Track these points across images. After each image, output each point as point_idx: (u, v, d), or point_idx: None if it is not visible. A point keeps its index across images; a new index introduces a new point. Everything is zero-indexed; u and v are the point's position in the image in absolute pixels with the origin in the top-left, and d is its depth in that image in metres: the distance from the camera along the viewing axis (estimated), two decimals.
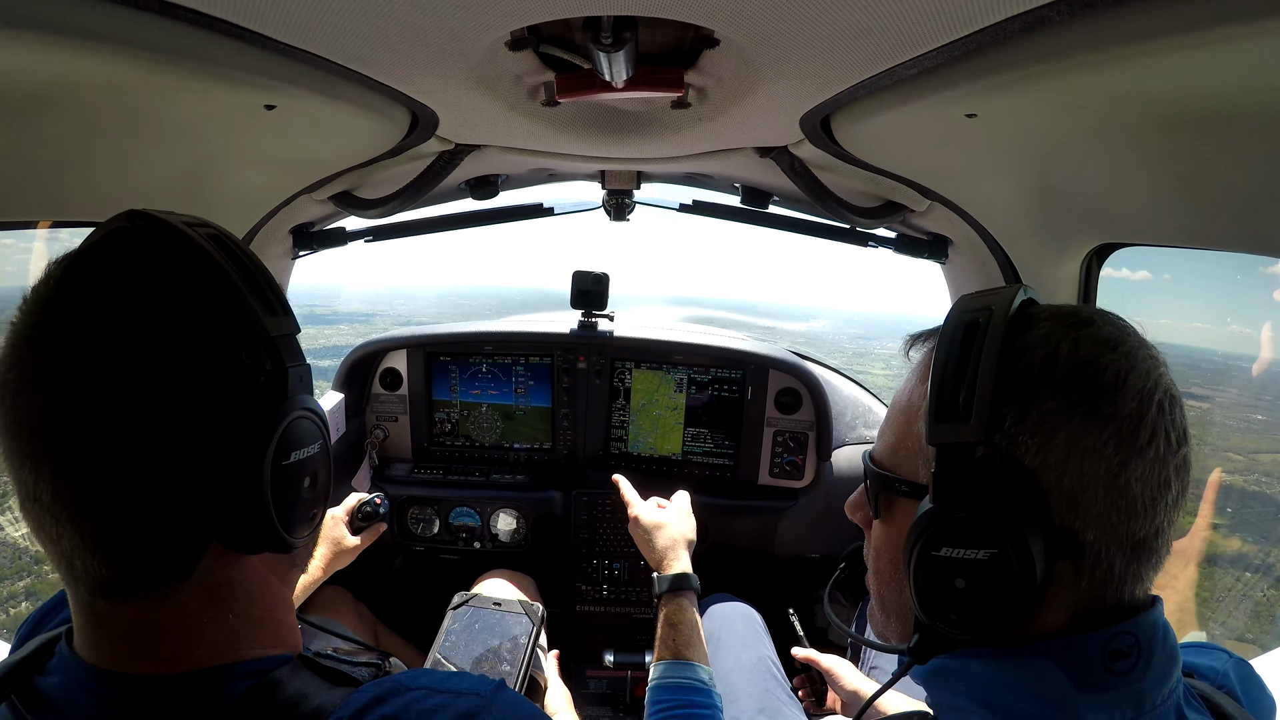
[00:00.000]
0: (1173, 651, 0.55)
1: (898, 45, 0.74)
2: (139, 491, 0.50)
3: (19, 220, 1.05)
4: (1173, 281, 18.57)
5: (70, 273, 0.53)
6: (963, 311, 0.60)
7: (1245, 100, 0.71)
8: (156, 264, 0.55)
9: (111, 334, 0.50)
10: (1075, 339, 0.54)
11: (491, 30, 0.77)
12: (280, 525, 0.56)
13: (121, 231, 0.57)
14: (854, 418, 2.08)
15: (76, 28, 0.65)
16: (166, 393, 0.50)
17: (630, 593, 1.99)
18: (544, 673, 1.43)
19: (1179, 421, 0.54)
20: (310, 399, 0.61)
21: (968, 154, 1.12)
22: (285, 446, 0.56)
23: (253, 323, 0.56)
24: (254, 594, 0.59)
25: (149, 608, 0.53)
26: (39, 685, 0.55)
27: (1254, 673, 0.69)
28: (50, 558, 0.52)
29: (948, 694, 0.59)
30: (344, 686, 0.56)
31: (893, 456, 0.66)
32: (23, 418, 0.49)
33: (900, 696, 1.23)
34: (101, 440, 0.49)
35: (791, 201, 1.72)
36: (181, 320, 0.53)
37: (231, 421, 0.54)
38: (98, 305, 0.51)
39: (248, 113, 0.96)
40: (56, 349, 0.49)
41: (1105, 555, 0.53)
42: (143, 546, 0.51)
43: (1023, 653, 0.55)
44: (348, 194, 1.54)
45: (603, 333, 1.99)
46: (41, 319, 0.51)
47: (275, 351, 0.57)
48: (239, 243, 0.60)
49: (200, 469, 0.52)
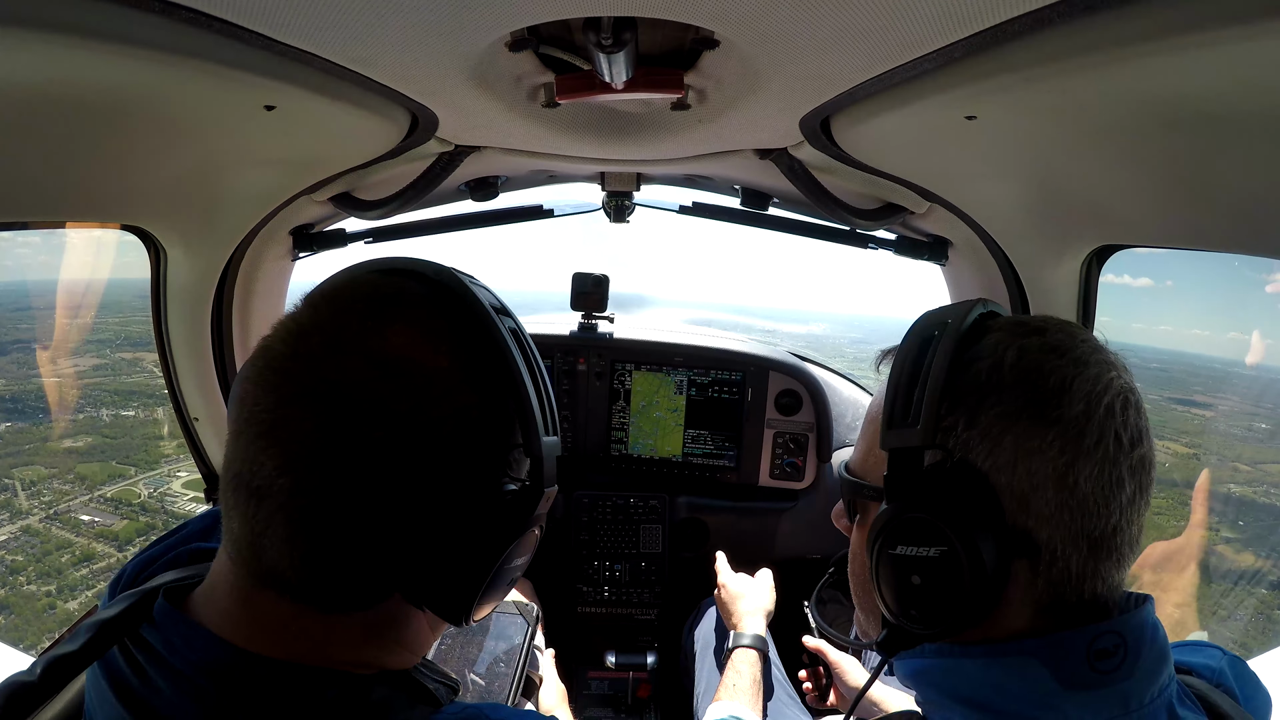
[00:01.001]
0: (1162, 650, 0.56)
1: (897, 47, 0.74)
2: (369, 538, 0.53)
3: (19, 220, 1.05)
4: (1174, 288, 18.61)
5: (379, 307, 0.56)
6: (922, 326, 0.63)
7: (1245, 101, 0.71)
8: (466, 344, 0.57)
9: (409, 395, 0.53)
10: (1020, 347, 0.57)
11: (491, 31, 0.77)
12: (475, 609, 0.60)
13: (428, 283, 0.59)
14: (854, 419, 2.08)
15: (76, 28, 0.65)
16: (435, 469, 0.54)
17: (631, 594, 1.99)
18: (539, 672, 1.43)
19: (1132, 423, 0.55)
20: (544, 518, 0.64)
21: (968, 156, 1.11)
22: (513, 554, 0.60)
23: (530, 437, 0.59)
24: (409, 635, 0.62)
25: (312, 616, 0.55)
26: (148, 637, 0.56)
27: (1249, 670, 0.70)
28: (229, 533, 0.54)
29: (934, 693, 0.61)
30: (425, 704, 0.59)
31: (863, 464, 0.70)
32: (285, 425, 0.51)
33: (902, 695, 1.23)
34: (359, 482, 0.51)
35: (791, 203, 1.72)
36: (472, 410, 0.56)
37: (477, 516, 0.57)
38: (405, 361, 0.53)
39: (248, 113, 0.96)
40: (348, 383, 0.52)
41: (1060, 554, 0.55)
42: (344, 576, 0.54)
43: (1007, 651, 0.56)
44: (348, 195, 1.54)
45: (603, 334, 1.98)
46: (339, 340, 0.53)
47: (539, 468, 0.60)
48: (533, 346, 0.63)
49: (432, 542, 0.55)
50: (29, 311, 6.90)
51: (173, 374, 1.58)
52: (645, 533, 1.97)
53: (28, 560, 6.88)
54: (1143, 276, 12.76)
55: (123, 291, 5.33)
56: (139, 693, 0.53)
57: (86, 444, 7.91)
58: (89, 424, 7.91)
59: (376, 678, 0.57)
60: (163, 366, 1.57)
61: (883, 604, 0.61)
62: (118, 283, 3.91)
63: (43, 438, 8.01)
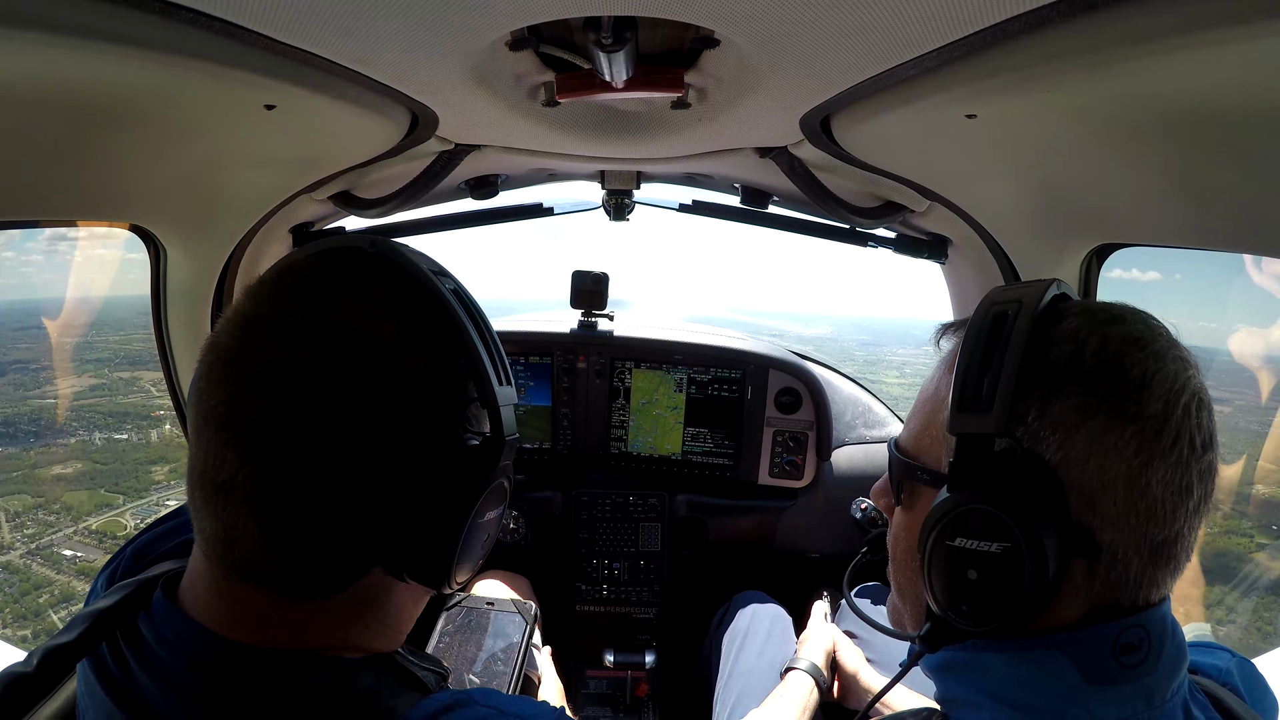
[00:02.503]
0: (1181, 646, 0.55)
1: (898, 45, 0.74)
2: (339, 518, 0.53)
3: (19, 220, 1.05)
4: (1184, 281, 18.32)
5: (321, 286, 0.55)
6: (992, 303, 0.59)
7: (1245, 100, 0.71)
8: (408, 309, 0.57)
9: (357, 367, 0.52)
10: (1103, 335, 0.54)
11: (491, 30, 0.77)
12: (455, 571, 0.59)
13: (366, 257, 0.59)
14: (854, 417, 2.08)
15: (77, 28, 0.65)
16: (393, 438, 0.53)
17: (630, 592, 1.99)
18: (538, 670, 1.43)
19: (1205, 426, 0.53)
20: (510, 467, 0.64)
21: (968, 155, 1.12)
22: (483, 507, 0.60)
23: (485, 390, 0.59)
24: (390, 611, 0.62)
25: (289, 604, 0.55)
26: (142, 628, 0.56)
27: (1257, 672, 0.70)
28: (200, 533, 0.54)
29: (959, 687, 0.59)
30: (414, 691, 0.59)
31: (917, 444, 0.65)
32: (241, 415, 0.51)
33: (904, 692, 1.23)
34: (320, 463, 0.51)
35: (791, 202, 1.72)
36: (423, 373, 0.56)
37: (443, 475, 0.57)
38: (350, 334, 0.53)
39: (248, 113, 0.96)
40: (297, 364, 0.51)
41: (1121, 557, 0.52)
42: (317, 560, 0.54)
43: (1034, 645, 0.55)
44: (347, 194, 1.54)
45: (603, 332, 1.98)
46: (284, 323, 0.53)
47: (497, 419, 0.60)
48: (476, 302, 0.63)
49: (401, 510, 0.55)
50: (29, 331, 6.80)
51: (173, 374, 1.58)
52: (644, 531, 1.98)
53: (4, 601, 6.48)
54: (1151, 270, 12.65)
55: (125, 309, 5.25)
56: (126, 686, 0.53)
57: (76, 470, 7.65)
58: (80, 449, 7.70)
59: (364, 662, 0.57)
60: (163, 366, 1.57)
61: (931, 596, 0.58)
62: (119, 300, 3.89)
63: (32, 464, 7.75)
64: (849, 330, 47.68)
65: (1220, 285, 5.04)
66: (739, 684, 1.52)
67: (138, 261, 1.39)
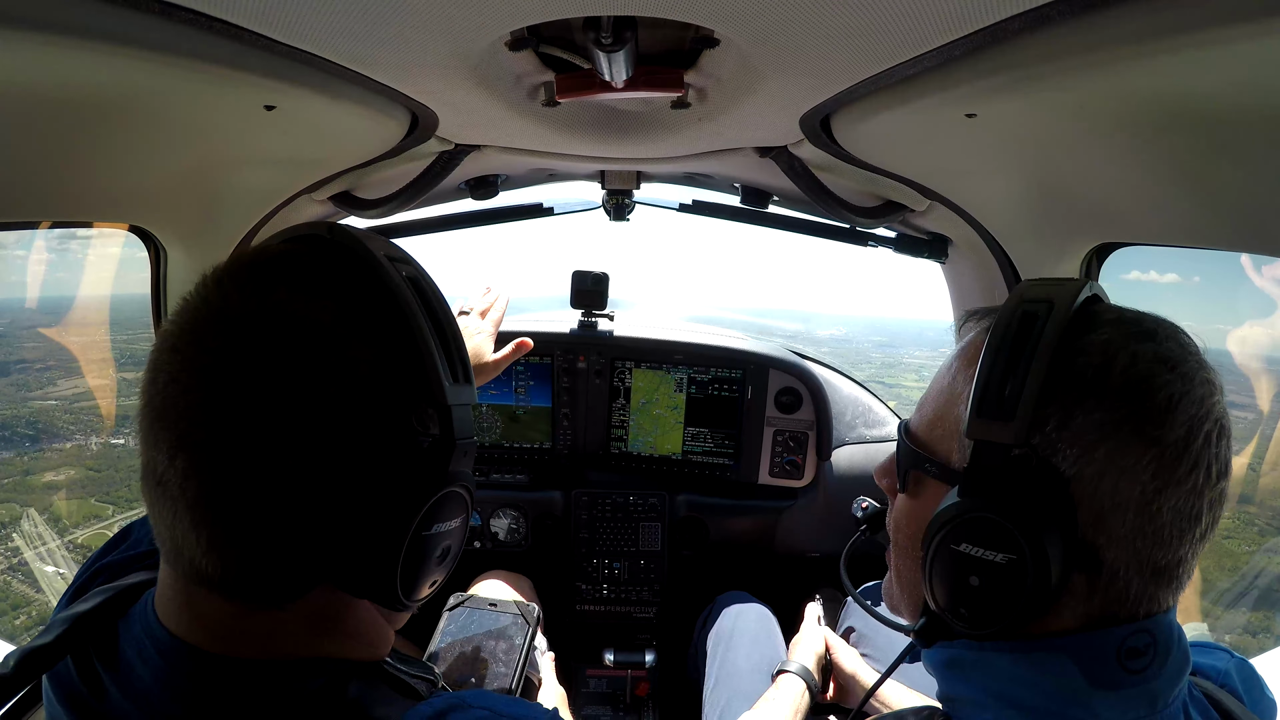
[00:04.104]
0: (1185, 651, 0.55)
1: (898, 45, 0.74)
2: (271, 517, 0.49)
3: (19, 220, 1.05)
4: (1203, 283, 18.25)
5: (263, 272, 0.52)
6: (1021, 300, 0.57)
7: (1245, 100, 0.71)
8: (353, 295, 0.53)
9: (290, 353, 0.49)
10: (1134, 353, 0.52)
11: (491, 30, 0.77)
12: (402, 590, 0.55)
13: (322, 243, 0.57)
14: (854, 417, 2.08)
15: (76, 28, 0.65)
16: (329, 434, 0.49)
17: (630, 592, 1.99)
18: (539, 673, 1.43)
19: (1223, 455, 0.52)
20: (467, 474, 0.59)
21: (968, 154, 1.12)
22: (429, 518, 0.55)
23: (433, 388, 0.55)
24: (357, 625, 0.58)
25: (245, 612, 0.52)
26: (120, 637, 0.54)
27: (1256, 673, 0.70)
28: (157, 533, 0.52)
29: (963, 686, 0.59)
30: (407, 698, 0.57)
31: (929, 433, 0.64)
32: (174, 405, 0.48)
33: (905, 691, 1.23)
34: (250, 457, 0.48)
35: (791, 201, 1.72)
36: (363, 365, 0.51)
37: (385, 480, 0.52)
38: (284, 319, 0.50)
39: (248, 113, 0.96)
40: (229, 351, 0.48)
41: (1122, 575, 0.52)
42: (257, 567, 0.50)
43: (1039, 647, 0.55)
44: (348, 194, 1.54)
45: (603, 332, 1.99)
46: (223, 310, 0.50)
47: (448, 421, 0.56)
48: (437, 291, 0.59)
49: (338, 515, 0.51)
50: (33, 330, 6.70)
51: None
52: (644, 531, 1.98)
53: None
54: (1170, 272, 12.50)
55: (136, 308, 5.17)
56: (93, 699, 0.52)
57: (69, 477, 7.23)
58: (75, 454, 7.31)
59: (349, 672, 0.55)
60: None
61: (930, 596, 0.58)
62: (126, 298, 3.84)
63: (25, 470, 7.37)
64: (863, 331, 47.31)
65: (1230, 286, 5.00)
66: (728, 686, 1.52)
67: (142, 259, 1.38)
